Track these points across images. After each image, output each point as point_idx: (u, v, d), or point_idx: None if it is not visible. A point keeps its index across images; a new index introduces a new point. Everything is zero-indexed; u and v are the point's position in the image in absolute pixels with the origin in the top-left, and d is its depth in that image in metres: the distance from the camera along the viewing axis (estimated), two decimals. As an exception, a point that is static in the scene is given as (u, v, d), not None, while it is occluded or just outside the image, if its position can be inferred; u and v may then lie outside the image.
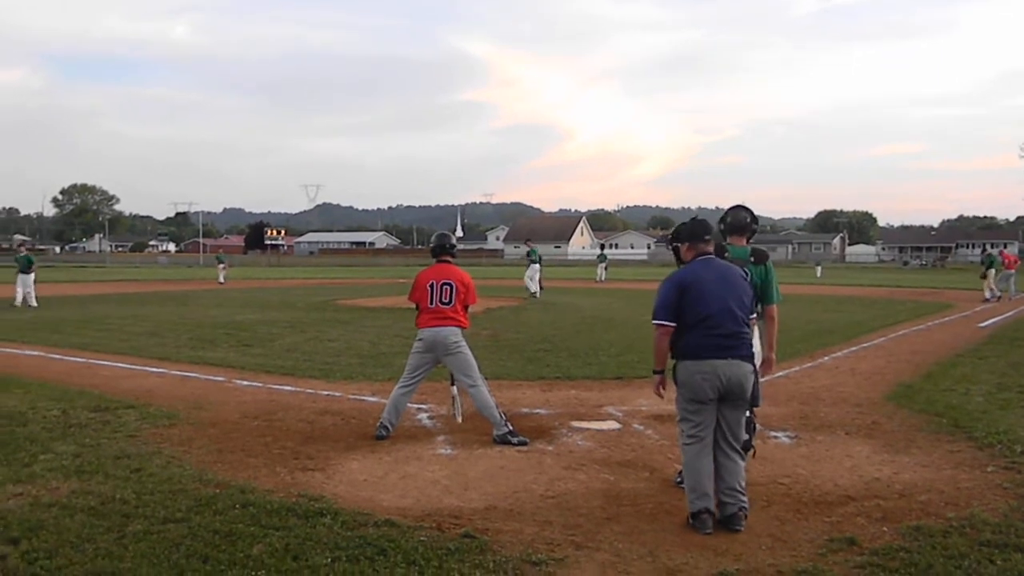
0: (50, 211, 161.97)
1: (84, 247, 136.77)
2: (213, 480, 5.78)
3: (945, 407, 8.38)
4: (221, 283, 38.24)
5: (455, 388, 7.44)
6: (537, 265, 28.60)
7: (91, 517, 4.97)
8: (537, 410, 8.37)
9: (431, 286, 7.18)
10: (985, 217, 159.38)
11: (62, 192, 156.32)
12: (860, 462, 6.46)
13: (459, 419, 7.42)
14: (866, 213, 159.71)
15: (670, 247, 5.62)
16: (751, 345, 5.12)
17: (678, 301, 5.04)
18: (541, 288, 29.39)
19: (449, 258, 7.40)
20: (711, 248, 5.28)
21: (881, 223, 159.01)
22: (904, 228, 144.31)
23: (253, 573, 4.18)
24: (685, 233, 5.34)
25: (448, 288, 7.15)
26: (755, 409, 5.54)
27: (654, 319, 5.13)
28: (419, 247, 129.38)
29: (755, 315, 5.32)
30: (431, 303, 7.16)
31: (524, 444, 6.89)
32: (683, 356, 5.05)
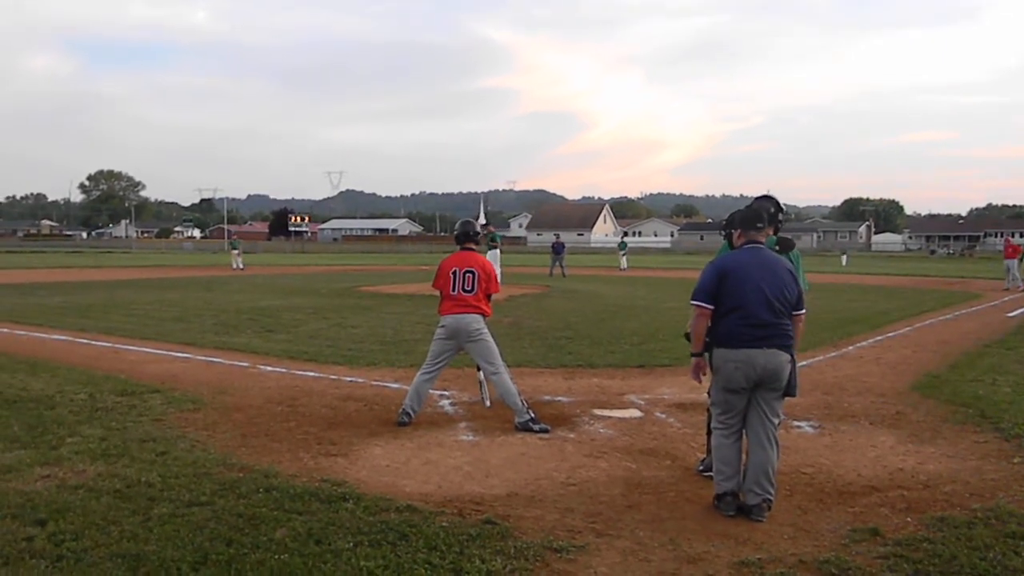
0: (77, 197, 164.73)
1: (111, 233, 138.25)
2: (237, 464, 5.83)
3: (971, 397, 8.29)
4: (241, 269, 38.15)
5: (482, 373, 7.45)
6: (497, 251, 26.18)
7: (117, 499, 5.03)
8: (559, 398, 8.36)
9: (454, 273, 7.18)
10: (1015, 205, 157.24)
11: (89, 178, 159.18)
12: (884, 452, 6.41)
13: (487, 404, 7.44)
14: (893, 201, 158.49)
15: (723, 233, 5.59)
16: (790, 336, 5.07)
17: (717, 286, 5.04)
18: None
19: (473, 246, 7.41)
20: (763, 237, 5.26)
21: (908, 211, 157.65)
22: (931, 216, 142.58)
23: (276, 556, 4.21)
24: (738, 220, 5.34)
25: (471, 276, 7.16)
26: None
27: (692, 300, 5.14)
28: (442, 234, 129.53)
29: (803, 311, 5.22)
30: (453, 290, 7.17)
31: (546, 432, 6.88)
32: (718, 343, 5.06)
